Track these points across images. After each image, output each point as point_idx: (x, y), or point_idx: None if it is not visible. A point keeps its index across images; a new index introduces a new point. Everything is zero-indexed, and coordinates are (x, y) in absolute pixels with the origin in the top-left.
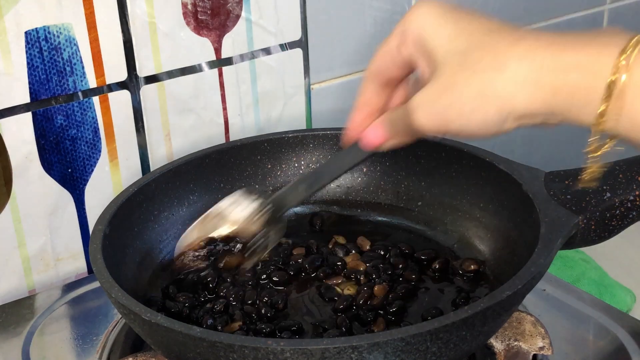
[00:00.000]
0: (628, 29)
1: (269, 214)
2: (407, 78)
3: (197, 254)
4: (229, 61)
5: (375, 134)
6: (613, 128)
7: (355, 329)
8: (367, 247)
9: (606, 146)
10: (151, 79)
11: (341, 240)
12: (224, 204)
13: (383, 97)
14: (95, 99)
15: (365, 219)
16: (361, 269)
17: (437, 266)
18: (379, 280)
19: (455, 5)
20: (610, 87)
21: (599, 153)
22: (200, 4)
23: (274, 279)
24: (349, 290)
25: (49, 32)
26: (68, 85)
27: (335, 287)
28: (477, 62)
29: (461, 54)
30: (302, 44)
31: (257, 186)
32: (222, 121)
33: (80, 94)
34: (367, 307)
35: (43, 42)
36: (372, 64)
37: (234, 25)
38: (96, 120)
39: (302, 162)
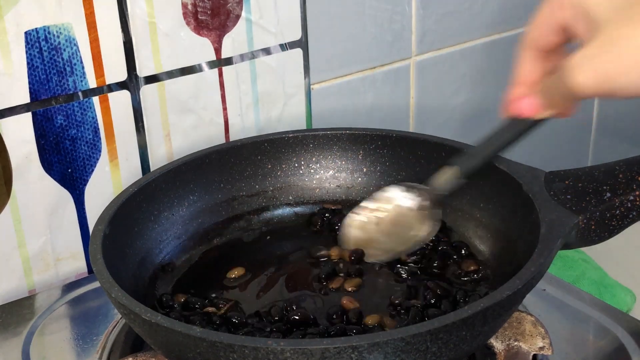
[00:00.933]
0: None
1: (428, 207)
2: (564, 47)
3: None
4: (229, 61)
5: (529, 104)
6: None
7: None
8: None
9: None
10: (151, 79)
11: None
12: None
13: (542, 67)
14: (95, 99)
15: None
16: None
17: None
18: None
19: None
20: None
21: None
22: (200, 4)
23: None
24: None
25: (49, 32)
26: (68, 85)
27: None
28: None
29: (622, 8)
30: (302, 44)
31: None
32: (222, 121)
33: (80, 94)
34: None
35: (43, 42)
36: (528, 34)
37: (234, 25)
38: (96, 120)
39: (302, 162)
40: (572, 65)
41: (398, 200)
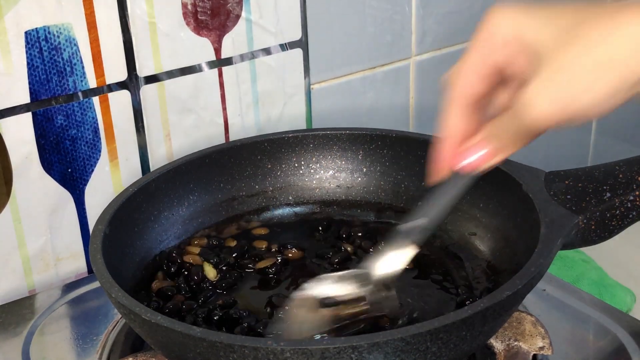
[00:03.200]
0: None
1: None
2: (492, 98)
3: None
4: (229, 61)
5: (480, 153)
6: None
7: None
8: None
9: None
10: (151, 79)
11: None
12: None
13: (472, 120)
14: (95, 99)
15: (365, 219)
16: None
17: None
18: None
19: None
20: None
21: None
22: (200, 4)
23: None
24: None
25: (49, 32)
26: (68, 85)
27: None
28: (586, 35)
29: (565, 33)
30: (302, 44)
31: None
32: (222, 121)
33: (80, 94)
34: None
35: (43, 42)
36: (455, 87)
37: (234, 25)
38: (96, 120)
39: (302, 162)
40: (527, 99)
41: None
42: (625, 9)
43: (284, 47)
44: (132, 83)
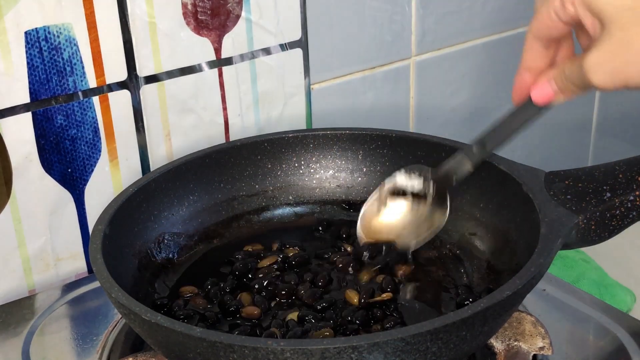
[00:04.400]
0: None
1: (434, 192)
2: (570, 33)
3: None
4: (229, 61)
5: (545, 91)
6: None
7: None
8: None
9: None
10: (151, 79)
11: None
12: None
13: (548, 55)
14: (95, 99)
15: None
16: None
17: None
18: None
19: None
20: None
21: None
22: (200, 4)
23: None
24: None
25: (49, 32)
26: (68, 85)
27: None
28: None
29: (632, 9)
30: (302, 44)
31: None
32: (222, 121)
33: (80, 94)
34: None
35: (43, 42)
36: (534, 23)
37: (234, 25)
38: (96, 120)
39: (302, 162)
40: (590, 65)
41: (407, 188)
42: None
43: (283, 47)
44: (132, 83)
